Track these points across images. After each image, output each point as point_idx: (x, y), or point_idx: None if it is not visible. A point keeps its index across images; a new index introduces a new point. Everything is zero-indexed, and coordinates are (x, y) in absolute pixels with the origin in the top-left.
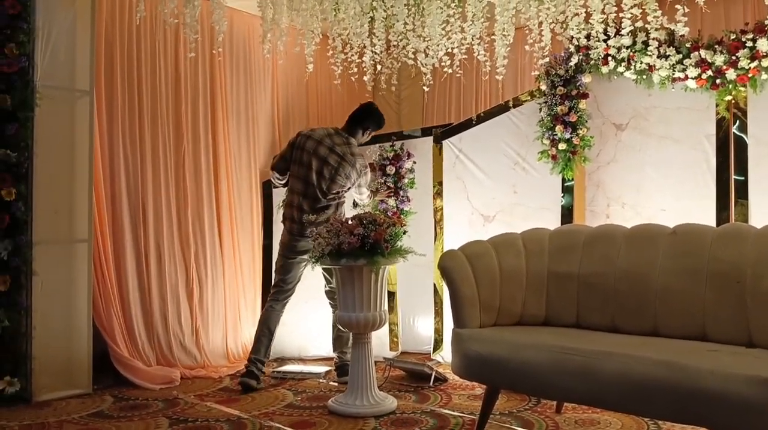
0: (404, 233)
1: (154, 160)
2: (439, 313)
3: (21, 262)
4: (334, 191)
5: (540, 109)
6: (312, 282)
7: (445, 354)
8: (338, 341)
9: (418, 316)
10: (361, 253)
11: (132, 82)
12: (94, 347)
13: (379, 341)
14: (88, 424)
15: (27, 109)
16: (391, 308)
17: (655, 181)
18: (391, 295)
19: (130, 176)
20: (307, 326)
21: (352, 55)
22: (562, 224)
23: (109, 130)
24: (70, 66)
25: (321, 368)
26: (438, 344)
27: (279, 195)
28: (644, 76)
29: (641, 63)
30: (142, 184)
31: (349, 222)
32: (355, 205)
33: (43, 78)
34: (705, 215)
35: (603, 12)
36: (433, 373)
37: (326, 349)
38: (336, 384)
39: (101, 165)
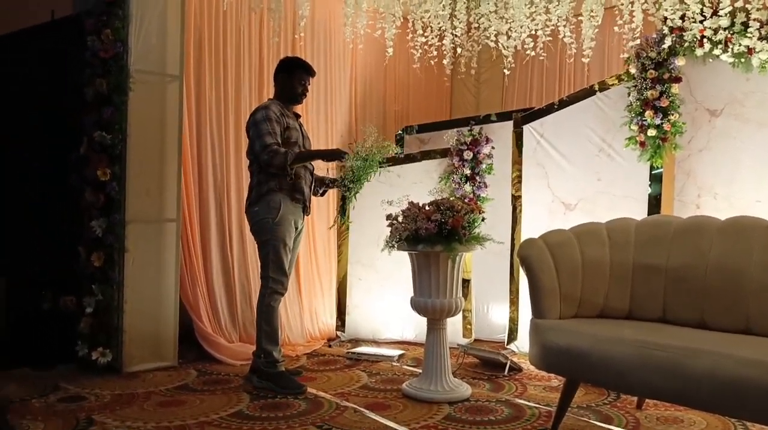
0: (482, 220)
1: (236, 143)
2: (514, 302)
3: (114, 239)
4: (249, 157)
5: (628, 94)
6: (387, 266)
7: (520, 343)
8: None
9: (492, 304)
10: (438, 239)
11: (218, 67)
12: (179, 322)
13: (453, 328)
14: (174, 396)
15: (121, 93)
16: (466, 295)
17: (752, 170)
18: (466, 282)
19: (216, 159)
20: (381, 309)
21: (432, 38)
22: (648, 214)
23: (198, 114)
24: (162, 51)
25: (394, 352)
26: (513, 333)
27: None
28: (742, 60)
29: (740, 45)
30: (226, 166)
31: (426, 208)
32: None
33: (136, 63)
34: None
35: None
36: (508, 362)
37: (399, 332)
38: (410, 368)
39: (189, 148)
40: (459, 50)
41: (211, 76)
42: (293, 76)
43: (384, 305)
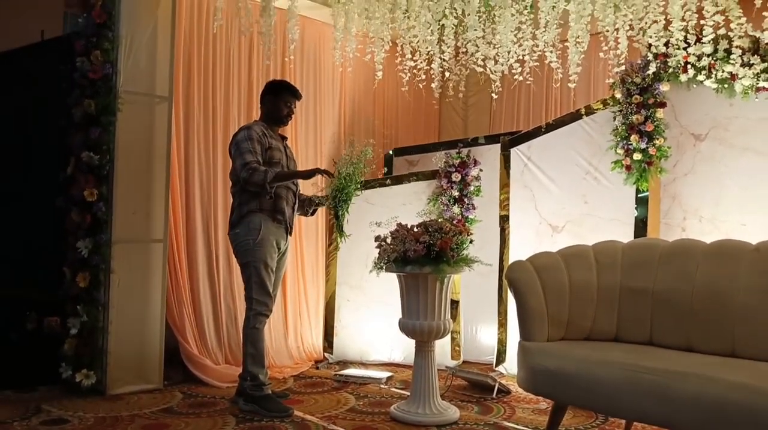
0: (471, 241)
1: (224, 164)
2: (503, 324)
3: (100, 260)
4: (231, 178)
5: (614, 118)
6: (375, 287)
7: (509, 365)
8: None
9: (480, 325)
10: (426, 261)
11: (207, 88)
12: (164, 344)
13: (441, 350)
14: (158, 419)
15: (110, 114)
16: (454, 317)
17: (736, 194)
18: (455, 303)
19: (203, 180)
20: (369, 331)
21: (421, 62)
22: (635, 236)
23: (186, 135)
24: (151, 73)
25: (382, 374)
26: (501, 355)
27: None
28: (725, 85)
29: (723, 71)
30: (214, 188)
31: (415, 229)
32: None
33: (125, 84)
34: None
35: (683, 19)
36: (497, 384)
37: (387, 354)
38: (398, 390)
39: (177, 169)
40: (447, 74)
41: (200, 98)
42: (279, 98)
43: (372, 327)
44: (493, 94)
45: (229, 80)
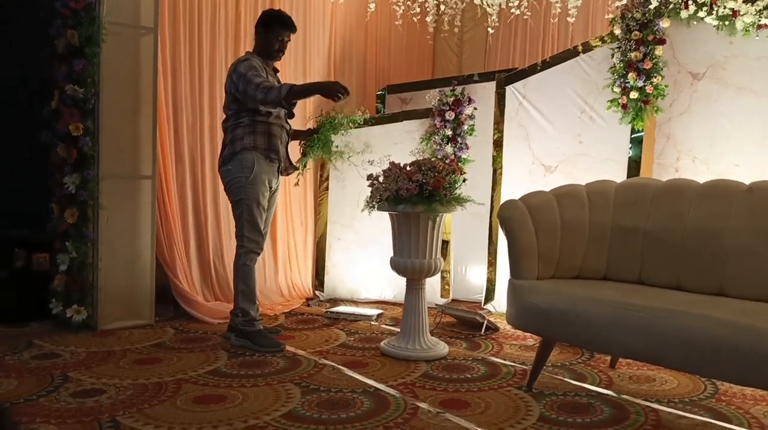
0: (464, 181)
1: (211, 97)
2: (492, 263)
3: (88, 196)
4: (225, 112)
5: (612, 55)
6: (365, 226)
7: (497, 304)
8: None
9: (470, 264)
10: (419, 199)
11: (193, 20)
12: (155, 280)
13: (431, 288)
14: (151, 354)
15: (93, 46)
16: (444, 256)
17: (731, 134)
18: (445, 243)
19: (189, 115)
20: (360, 270)
21: None
22: (628, 176)
23: (173, 68)
24: (135, 2)
25: (373, 311)
26: (490, 293)
27: None
28: (726, 23)
29: (724, 8)
30: (201, 122)
31: (408, 168)
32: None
33: (109, 14)
34: None
35: None
36: (485, 322)
37: (378, 292)
38: (388, 327)
39: (164, 102)
40: (442, 7)
41: (186, 30)
42: (270, 31)
43: (363, 265)
44: (489, 29)
45: (216, 12)
